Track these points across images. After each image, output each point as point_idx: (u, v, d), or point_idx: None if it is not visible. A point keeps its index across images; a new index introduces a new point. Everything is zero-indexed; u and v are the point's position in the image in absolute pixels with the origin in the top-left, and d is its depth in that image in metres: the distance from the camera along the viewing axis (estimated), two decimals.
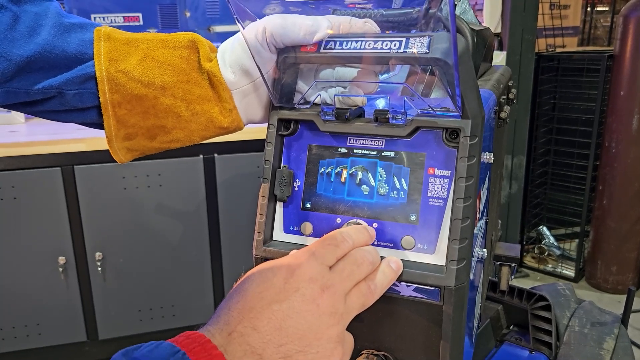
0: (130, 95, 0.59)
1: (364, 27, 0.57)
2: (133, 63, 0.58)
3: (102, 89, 0.58)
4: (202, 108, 0.60)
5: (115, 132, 0.61)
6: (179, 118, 0.61)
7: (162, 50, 0.60)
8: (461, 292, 0.51)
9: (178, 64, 0.59)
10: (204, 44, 0.61)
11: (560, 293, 1.10)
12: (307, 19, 0.54)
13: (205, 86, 0.60)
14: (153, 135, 0.62)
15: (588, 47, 3.71)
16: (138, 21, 2.38)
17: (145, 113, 0.60)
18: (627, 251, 2.83)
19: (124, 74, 0.58)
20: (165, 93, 0.59)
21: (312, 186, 0.57)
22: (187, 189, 2.18)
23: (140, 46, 0.59)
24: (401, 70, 0.71)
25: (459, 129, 0.52)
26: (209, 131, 0.63)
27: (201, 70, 0.60)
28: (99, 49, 0.58)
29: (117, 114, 0.60)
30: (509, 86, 0.92)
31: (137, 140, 0.62)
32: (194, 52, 0.60)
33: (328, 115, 0.56)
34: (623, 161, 2.73)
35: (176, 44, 0.60)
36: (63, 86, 0.58)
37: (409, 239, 0.53)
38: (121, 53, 0.59)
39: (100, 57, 0.58)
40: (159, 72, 0.59)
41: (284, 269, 0.47)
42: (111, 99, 0.59)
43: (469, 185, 0.51)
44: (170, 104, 0.60)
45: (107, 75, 0.58)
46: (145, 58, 0.59)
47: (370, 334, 0.56)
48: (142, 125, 0.61)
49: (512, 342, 1.00)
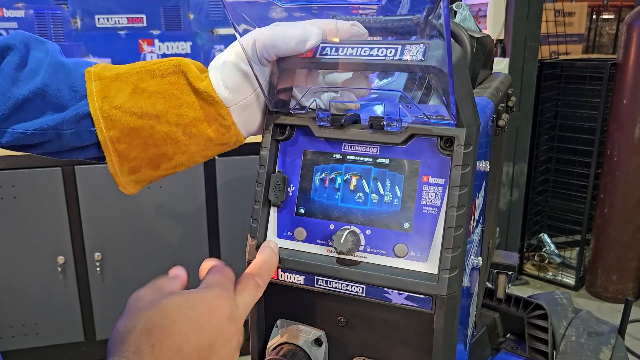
0: (127, 128, 0.60)
1: (351, 30, 0.56)
2: (124, 97, 0.60)
3: (98, 127, 0.59)
4: (197, 130, 0.61)
5: (119, 168, 0.62)
6: (177, 143, 0.61)
7: (151, 80, 0.60)
8: (453, 301, 0.51)
9: (168, 90, 0.60)
10: (190, 66, 0.61)
11: (557, 302, 1.09)
12: (297, 28, 0.54)
13: (198, 108, 0.60)
14: (156, 164, 0.63)
15: (592, 55, 3.71)
16: (142, 22, 2.39)
17: (144, 144, 0.61)
18: (627, 260, 2.82)
19: (117, 109, 0.59)
20: (160, 121, 0.60)
21: (307, 192, 0.57)
22: (187, 191, 2.18)
23: (130, 79, 0.60)
24: (399, 77, 0.71)
25: (453, 137, 0.52)
26: (210, 150, 0.63)
27: (194, 92, 0.60)
28: (90, 89, 0.60)
29: (118, 149, 0.61)
30: (509, 94, 0.92)
31: (142, 172, 0.63)
32: (181, 76, 0.60)
33: (323, 121, 0.56)
34: (625, 170, 2.72)
35: (163, 71, 0.60)
36: (59, 126, 0.60)
37: (401, 246, 0.53)
38: (112, 90, 0.60)
39: (92, 96, 0.59)
40: (150, 101, 0.60)
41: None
42: (109, 136, 0.60)
43: (463, 194, 0.51)
44: (167, 131, 0.60)
45: (101, 113, 0.59)
46: (136, 90, 0.60)
47: (362, 341, 0.56)
48: (144, 157, 0.62)
49: (508, 351, 1.00)
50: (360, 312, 0.55)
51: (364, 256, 0.54)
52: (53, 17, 2.32)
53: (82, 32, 2.34)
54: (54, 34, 2.35)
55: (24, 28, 2.32)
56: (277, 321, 0.59)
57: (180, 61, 0.61)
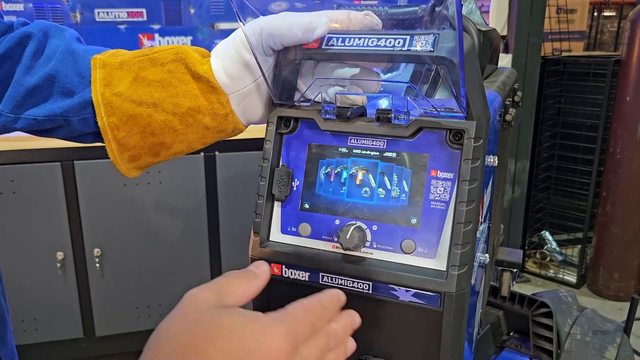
0: (126, 116, 0.60)
1: (364, 21, 0.55)
2: (125, 85, 0.60)
3: (99, 113, 0.60)
4: (194, 119, 0.61)
5: (119, 156, 0.63)
6: (175, 132, 0.62)
7: (152, 68, 0.61)
8: (462, 298, 0.50)
9: (166, 79, 0.60)
10: (190, 53, 0.61)
11: (562, 300, 1.08)
12: (305, 17, 0.53)
13: (195, 95, 0.60)
14: (156, 152, 0.64)
15: (594, 52, 3.69)
16: (142, 17, 2.37)
17: (142, 132, 0.61)
18: (629, 258, 2.81)
19: (117, 97, 0.60)
20: (157, 109, 0.60)
21: (311, 186, 0.56)
22: (188, 186, 2.17)
23: (132, 67, 0.61)
24: (405, 70, 0.70)
25: (463, 130, 0.50)
26: (208, 138, 0.63)
27: (193, 77, 0.60)
28: (95, 76, 0.61)
29: (117, 136, 0.61)
30: (515, 89, 0.91)
31: (142, 160, 0.64)
32: (179, 64, 0.60)
33: (329, 114, 0.55)
34: (627, 167, 2.71)
35: (163, 60, 0.61)
36: (66, 113, 0.61)
37: (409, 242, 0.52)
38: (115, 77, 0.61)
39: (96, 83, 0.60)
40: (149, 89, 0.60)
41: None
42: (108, 122, 0.60)
43: (473, 189, 0.50)
44: (164, 120, 0.61)
45: (102, 99, 0.60)
46: (137, 78, 0.60)
47: (368, 339, 0.55)
48: (143, 145, 0.62)
49: (512, 349, 0.99)
50: (366, 309, 0.54)
51: (370, 252, 0.53)
52: (52, 11, 2.30)
53: (81, 26, 2.32)
54: None
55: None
56: None
57: (180, 49, 0.61)
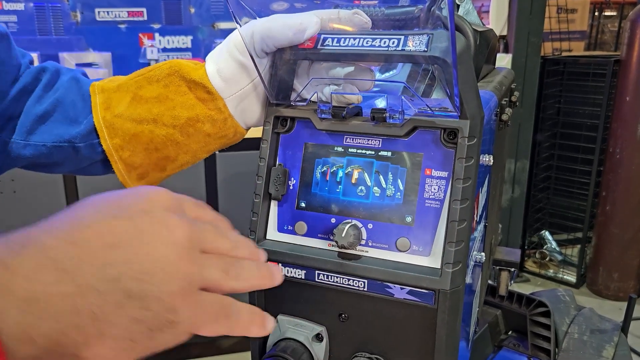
0: (128, 135, 0.61)
1: (353, 19, 0.55)
2: (124, 105, 0.62)
3: (102, 136, 0.62)
4: (194, 129, 0.62)
5: (127, 175, 0.64)
6: (177, 144, 0.63)
7: (149, 86, 0.62)
8: (456, 295, 0.50)
9: (163, 93, 0.61)
10: (184, 64, 0.62)
11: (560, 299, 1.08)
12: (296, 18, 0.53)
13: (192, 105, 0.61)
14: (162, 167, 0.65)
15: (595, 52, 3.70)
16: (142, 16, 2.38)
17: (146, 149, 0.62)
18: (629, 258, 2.81)
19: (118, 118, 0.61)
20: (158, 124, 0.61)
21: (308, 185, 0.56)
22: (188, 186, 2.17)
23: (130, 88, 0.62)
24: (402, 70, 0.70)
25: (457, 129, 0.51)
26: (211, 145, 0.65)
27: (189, 86, 0.61)
28: (95, 101, 0.62)
29: (122, 157, 0.63)
30: (512, 89, 0.91)
31: (151, 176, 0.66)
32: (174, 77, 0.61)
33: (324, 114, 0.55)
34: (627, 167, 2.71)
35: (158, 76, 0.62)
36: (74, 140, 0.62)
37: (404, 240, 0.52)
38: (114, 100, 0.62)
39: (96, 108, 0.62)
40: (147, 106, 0.61)
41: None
42: (112, 144, 0.62)
43: (467, 187, 0.50)
44: (165, 134, 0.62)
45: (104, 122, 0.61)
46: (135, 97, 0.62)
47: (363, 337, 0.55)
48: (149, 162, 0.64)
49: (510, 348, 0.99)
50: (361, 307, 0.54)
51: (365, 250, 0.53)
52: (53, 11, 2.31)
53: (82, 25, 2.33)
54: (53, 28, 2.34)
55: (24, 21, 2.31)
56: (278, 316, 0.59)
57: (173, 62, 0.62)
